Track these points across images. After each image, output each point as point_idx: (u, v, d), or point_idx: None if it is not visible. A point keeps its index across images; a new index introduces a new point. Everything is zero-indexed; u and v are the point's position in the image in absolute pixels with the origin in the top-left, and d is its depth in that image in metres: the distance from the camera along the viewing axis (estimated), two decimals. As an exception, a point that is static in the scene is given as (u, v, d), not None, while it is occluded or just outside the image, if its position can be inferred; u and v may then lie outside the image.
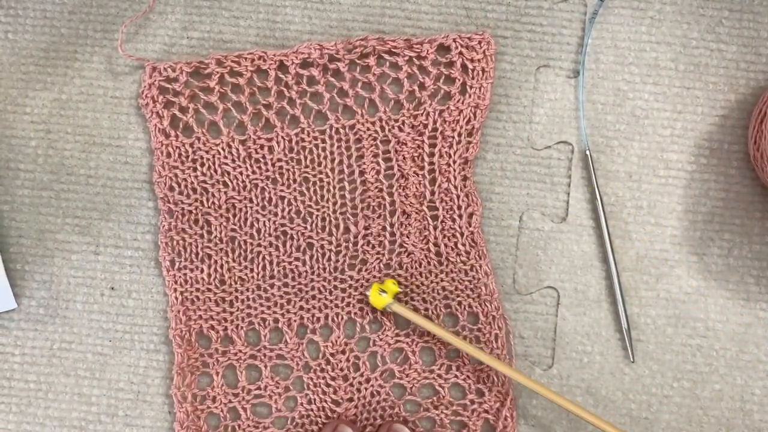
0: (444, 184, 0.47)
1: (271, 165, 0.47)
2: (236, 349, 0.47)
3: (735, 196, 0.48)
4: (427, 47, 0.46)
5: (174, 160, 0.46)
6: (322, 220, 0.47)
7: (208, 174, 0.47)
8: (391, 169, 0.47)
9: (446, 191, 0.47)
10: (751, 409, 0.47)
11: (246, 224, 0.47)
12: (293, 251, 0.47)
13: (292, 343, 0.47)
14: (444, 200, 0.47)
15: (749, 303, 0.47)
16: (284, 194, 0.47)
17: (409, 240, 0.47)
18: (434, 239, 0.47)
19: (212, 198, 0.47)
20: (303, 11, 0.48)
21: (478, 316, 0.46)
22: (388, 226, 0.47)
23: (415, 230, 0.47)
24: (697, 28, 0.48)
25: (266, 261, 0.47)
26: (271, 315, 0.47)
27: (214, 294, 0.47)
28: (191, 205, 0.47)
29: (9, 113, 0.48)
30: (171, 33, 0.48)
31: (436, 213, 0.47)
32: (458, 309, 0.46)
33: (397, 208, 0.47)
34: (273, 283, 0.47)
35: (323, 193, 0.47)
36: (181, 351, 0.46)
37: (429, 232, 0.47)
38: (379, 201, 0.47)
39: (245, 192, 0.47)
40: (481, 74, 0.47)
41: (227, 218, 0.47)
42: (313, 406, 0.46)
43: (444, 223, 0.47)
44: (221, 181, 0.47)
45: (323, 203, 0.47)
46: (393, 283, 0.46)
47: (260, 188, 0.47)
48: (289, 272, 0.47)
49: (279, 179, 0.47)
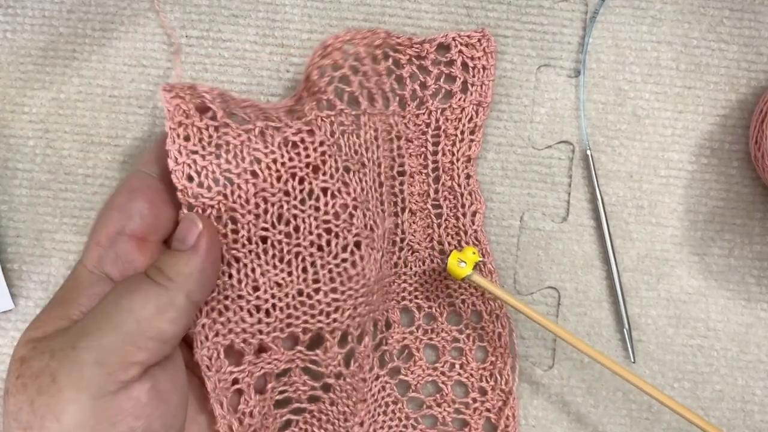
0: (448, 182, 0.46)
1: (312, 150, 0.40)
2: (272, 358, 0.41)
3: (736, 196, 0.48)
4: (427, 46, 0.46)
5: (194, 144, 0.39)
6: (364, 215, 0.41)
7: (234, 162, 0.39)
8: (402, 166, 0.46)
9: (450, 189, 0.46)
10: (752, 410, 0.47)
11: (281, 222, 0.40)
12: (340, 252, 0.41)
13: (332, 352, 0.42)
14: (448, 198, 0.46)
15: (750, 303, 0.47)
16: (327, 185, 0.40)
17: (415, 238, 0.46)
18: (438, 237, 0.46)
19: (238, 191, 0.40)
20: (303, 10, 0.48)
21: (482, 314, 0.46)
22: (400, 223, 0.46)
23: (420, 228, 0.46)
24: (698, 27, 0.48)
25: (307, 263, 0.41)
26: (314, 325, 0.41)
27: (246, 302, 0.40)
28: (213, 199, 0.39)
29: (7, 112, 0.47)
30: (170, 32, 0.48)
31: (440, 211, 0.46)
32: (462, 307, 0.46)
33: (406, 206, 0.46)
34: (319, 288, 0.41)
35: (363, 185, 0.42)
36: (213, 374, 0.39)
37: (433, 230, 0.46)
38: (392, 198, 0.46)
39: (280, 183, 0.40)
40: (482, 71, 0.46)
41: (257, 215, 0.40)
42: (335, 408, 0.44)
43: (448, 221, 0.46)
44: (249, 171, 0.40)
45: (365, 197, 0.42)
46: (473, 252, 0.43)
47: (299, 178, 0.40)
48: (337, 276, 0.41)
49: (321, 167, 0.41)
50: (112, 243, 0.38)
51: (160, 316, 0.35)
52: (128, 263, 0.38)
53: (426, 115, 0.46)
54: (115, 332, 0.34)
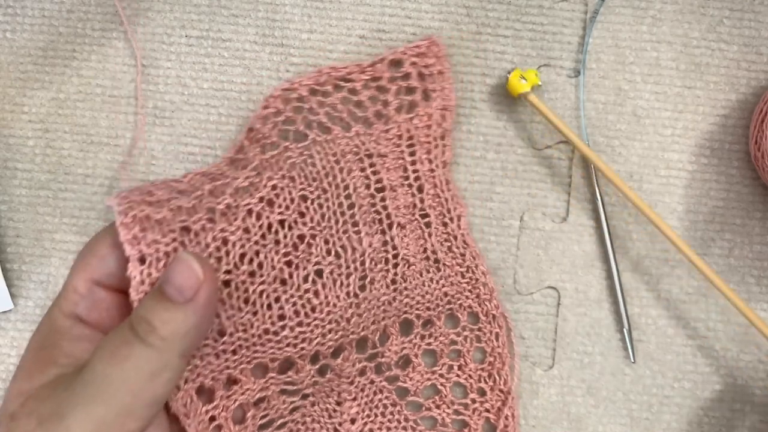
0: (431, 190, 0.46)
1: (263, 187, 0.41)
2: (244, 389, 0.41)
3: (736, 196, 0.48)
4: (380, 66, 0.46)
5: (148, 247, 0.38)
6: (325, 242, 0.43)
7: (191, 218, 0.39)
8: (381, 182, 0.45)
9: (435, 196, 0.46)
10: (752, 411, 0.47)
11: (243, 261, 0.40)
12: (302, 283, 0.42)
13: (305, 371, 0.43)
14: (433, 206, 0.46)
15: (750, 303, 0.47)
16: (284, 217, 0.41)
17: (409, 251, 0.45)
18: (431, 246, 0.46)
19: (196, 238, 0.39)
20: (303, 9, 0.48)
21: (478, 316, 0.46)
22: (389, 239, 0.45)
23: (412, 241, 0.46)
24: (698, 27, 0.48)
25: (272, 299, 0.41)
26: (282, 355, 0.42)
27: (213, 348, 0.40)
28: (168, 245, 0.38)
29: (6, 112, 0.47)
30: (169, 31, 0.47)
31: (429, 220, 0.46)
32: (459, 311, 0.46)
33: (393, 221, 0.45)
34: (285, 324, 0.41)
35: (324, 211, 0.43)
36: (192, 420, 0.39)
37: (425, 240, 0.46)
38: (374, 215, 0.45)
39: (238, 221, 0.40)
40: (439, 77, 0.46)
41: (218, 258, 0.39)
42: (316, 407, 0.44)
43: (437, 229, 0.46)
44: (206, 218, 0.39)
45: (326, 223, 0.43)
46: (535, 74, 0.45)
47: (255, 214, 0.41)
48: (301, 308, 0.42)
49: (275, 200, 0.41)
50: (90, 291, 0.37)
51: (155, 381, 0.33)
52: (105, 311, 0.37)
53: (396, 128, 0.45)
54: (108, 404, 0.32)
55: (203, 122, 0.47)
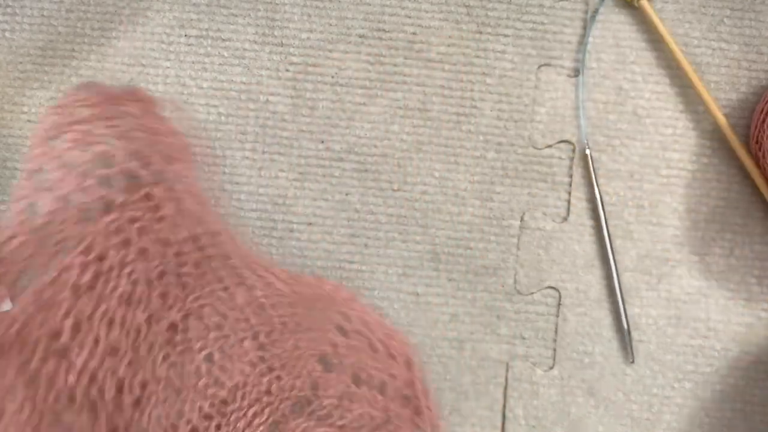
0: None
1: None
2: None
3: (736, 196, 0.47)
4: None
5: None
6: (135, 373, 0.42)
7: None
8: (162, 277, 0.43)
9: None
10: (752, 411, 0.47)
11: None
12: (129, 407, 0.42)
13: None
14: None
15: (751, 303, 0.47)
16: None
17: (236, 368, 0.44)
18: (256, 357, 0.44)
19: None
20: (302, 9, 0.47)
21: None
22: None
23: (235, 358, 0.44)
24: (699, 27, 0.48)
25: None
26: None
27: None
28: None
29: (6, 112, 0.47)
30: (168, 31, 0.47)
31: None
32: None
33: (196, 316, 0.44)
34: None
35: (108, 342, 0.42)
36: None
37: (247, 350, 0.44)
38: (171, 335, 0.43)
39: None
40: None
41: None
42: None
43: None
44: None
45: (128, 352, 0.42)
46: None
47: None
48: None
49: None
50: None
51: None
52: None
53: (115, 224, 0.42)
54: None
55: (203, 122, 0.47)
